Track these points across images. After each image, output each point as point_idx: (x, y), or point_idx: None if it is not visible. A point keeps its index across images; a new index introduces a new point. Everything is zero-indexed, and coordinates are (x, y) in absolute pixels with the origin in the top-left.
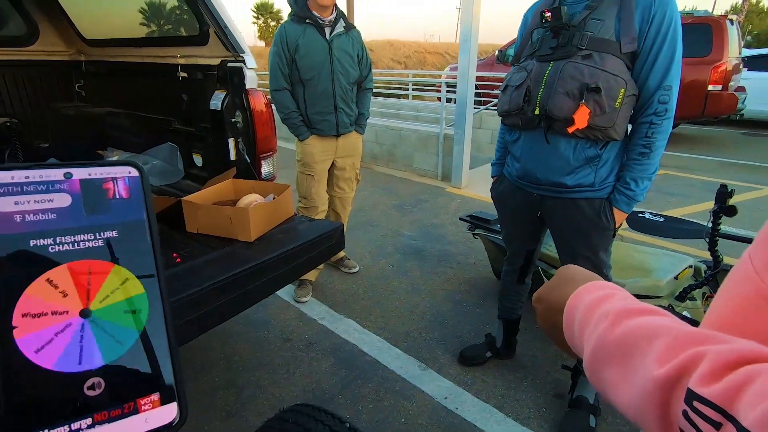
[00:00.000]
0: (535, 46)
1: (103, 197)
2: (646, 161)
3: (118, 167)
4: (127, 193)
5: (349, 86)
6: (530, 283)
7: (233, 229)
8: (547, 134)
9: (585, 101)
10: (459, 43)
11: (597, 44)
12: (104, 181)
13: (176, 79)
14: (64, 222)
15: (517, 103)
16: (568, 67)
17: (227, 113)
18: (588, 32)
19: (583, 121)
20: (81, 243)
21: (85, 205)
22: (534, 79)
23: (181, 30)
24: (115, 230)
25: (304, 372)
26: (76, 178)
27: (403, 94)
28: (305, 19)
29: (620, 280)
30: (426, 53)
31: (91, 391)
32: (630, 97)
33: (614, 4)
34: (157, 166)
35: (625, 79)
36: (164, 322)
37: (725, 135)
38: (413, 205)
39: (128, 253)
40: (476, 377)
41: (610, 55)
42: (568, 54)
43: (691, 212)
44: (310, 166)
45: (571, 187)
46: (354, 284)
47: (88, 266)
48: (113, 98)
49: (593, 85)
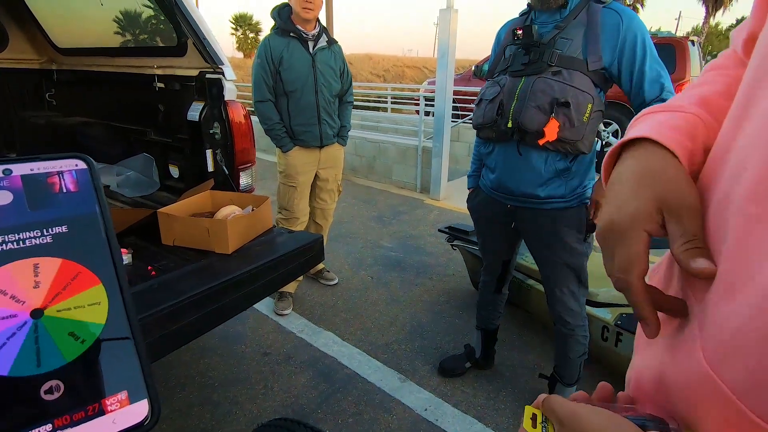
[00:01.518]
0: (507, 62)
1: (48, 192)
2: None
3: (63, 161)
4: (75, 187)
5: (332, 99)
6: (507, 293)
7: (210, 242)
8: (520, 147)
9: (555, 115)
10: (437, 58)
11: (566, 62)
12: (48, 176)
13: (152, 89)
14: (6, 220)
15: (491, 116)
16: (539, 83)
17: (205, 124)
18: (557, 50)
19: (553, 133)
20: (26, 241)
21: (28, 201)
22: (507, 94)
23: (158, 40)
24: (64, 225)
25: (283, 386)
26: (17, 174)
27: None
28: (289, 32)
29: (593, 289)
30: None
31: (49, 395)
32: (597, 112)
33: (581, 26)
34: (132, 177)
35: (592, 95)
36: (126, 316)
37: None
38: (392, 217)
39: (81, 246)
40: (456, 388)
41: (578, 72)
42: (539, 70)
43: None
44: (294, 177)
45: (543, 199)
46: (333, 296)
47: (34, 264)
48: (86, 108)
49: (563, 99)
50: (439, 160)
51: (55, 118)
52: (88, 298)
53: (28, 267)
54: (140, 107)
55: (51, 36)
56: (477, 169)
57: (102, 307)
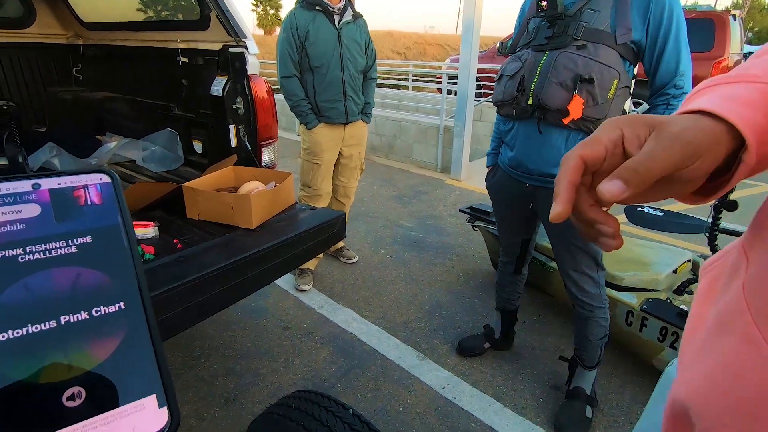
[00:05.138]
0: (531, 36)
1: (74, 205)
2: None
3: (88, 175)
4: (99, 200)
5: (357, 74)
6: (527, 274)
7: (234, 216)
8: (540, 125)
9: (578, 91)
10: (461, 35)
11: (592, 35)
12: (74, 189)
13: (176, 63)
14: (34, 231)
15: (511, 92)
16: (562, 58)
17: (228, 99)
18: (583, 22)
19: (578, 111)
20: (52, 251)
21: (55, 213)
22: (528, 69)
23: (181, 14)
24: (88, 236)
25: (303, 360)
26: (45, 188)
27: (403, 84)
28: (315, 5)
29: (619, 273)
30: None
31: (71, 401)
32: (623, 89)
33: None
34: (157, 152)
35: (619, 71)
36: (147, 325)
37: None
38: (412, 197)
39: (104, 256)
40: (474, 367)
41: (604, 46)
42: (563, 44)
43: (685, 208)
44: (318, 154)
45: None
46: (353, 274)
47: (61, 273)
48: (111, 83)
49: (586, 75)
50: (461, 139)
51: (82, 93)
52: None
53: (55, 275)
54: (164, 82)
55: (77, 11)
56: (496, 147)
57: (123, 317)
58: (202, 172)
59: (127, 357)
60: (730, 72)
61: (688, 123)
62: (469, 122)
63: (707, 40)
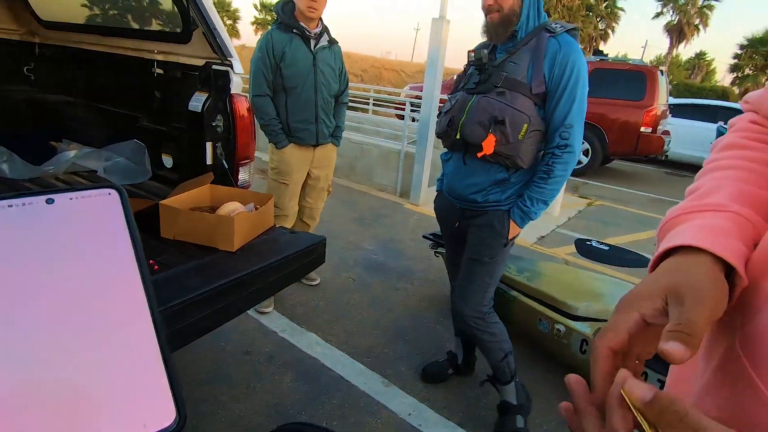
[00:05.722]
0: (465, 80)
1: (85, 219)
2: (543, 185)
3: (98, 190)
4: (107, 214)
5: (330, 98)
6: None
7: (214, 238)
8: (465, 157)
9: (492, 131)
10: (416, 62)
11: (510, 84)
12: (85, 203)
13: (150, 74)
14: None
15: (444, 127)
16: (483, 101)
17: (208, 116)
18: (505, 72)
19: (490, 147)
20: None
21: (66, 228)
22: (458, 109)
23: (160, 24)
24: (98, 249)
25: (266, 387)
26: (59, 203)
27: (362, 107)
28: (292, 28)
29: (574, 303)
30: (383, 69)
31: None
32: (535, 132)
33: (528, 52)
34: (120, 163)
35: (529, 116)
36: (154, 327)
37: (652, 173)
38: (373, 220)
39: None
40: (439, 394)
41: (520, 94)
42: (487, 90)
43: (624, 242)
44: (287, 174)
45: (481, 203)
46: (315, 297)
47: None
48: (71, 87)
49: (500, 117)
50: (421, 165)
51: (35, 95)
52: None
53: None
54: (133, 91)
55: (35, 7)
56: (443, 174)
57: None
58: (170, 187)
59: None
60: (694, 195)
61: (694, 279)
62: (430, 149)
63: (639, 91)
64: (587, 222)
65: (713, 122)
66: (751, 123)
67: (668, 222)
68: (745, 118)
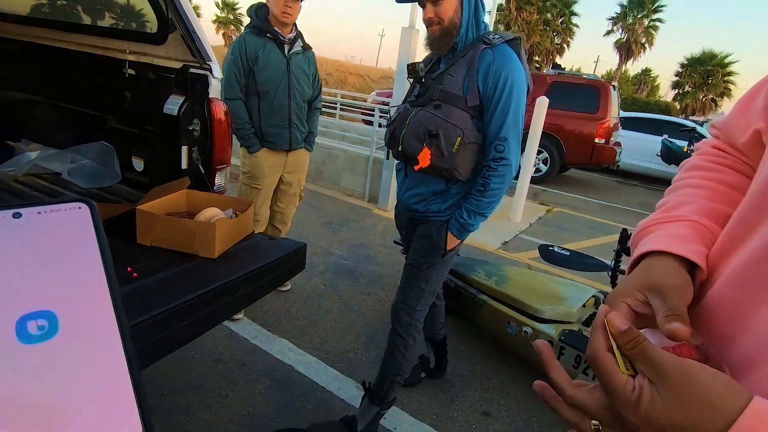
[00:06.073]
0: (408, 92)
1: (54, 234)
2: (480, 198)
3: (68, 203)
4: (77, 227)
5: (304, 103)
6: (443, 304)
7: (194, 244)
8: (407, 168)
9: (427, 144)
10: (393, 72)
11: (446, 97)
12: (53, 217)
13: (120, 75)
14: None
15: (387, 139)
16: (419, 115)
17: (184, 119)
18: (441, 86)
19: (425, 161)
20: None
21: (34, 243)
22: (399, 121)
23: (133, 24)
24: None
25: (238, 395)
26: (26, 218)
27: (329, 112)
28: (266, 33)
29: (540, 306)
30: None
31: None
32: (470, 144)
33: (465, 64)
34: (87, 166)
35: (464, 129)
36: (122, 343)
37: (604, 181)
38: (342, 224)
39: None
40: (412, 397)
41: (455, 107)
42: (425, 103)
43: (580, 247)
44: (258, 179)
45: (423, 213)
46: (286, 303)
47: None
48: (30, 84)
49: (434, 131)
50: (390, 171)
51: None
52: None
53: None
54: (101, 92)
55: None
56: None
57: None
58: (141, 191)
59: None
60: (663, 208)
61: (668, 275)
62: None
63: (594, 104)
64: (547, 228)
65: (659, 135)
66: (713, 147)
67: (641, 231)
68: (709, 143)
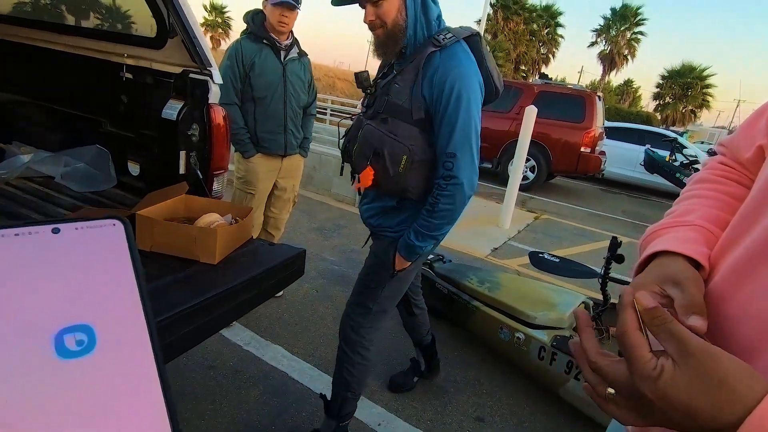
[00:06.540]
0: (362, 103)
1: (90, 249)
2: (429, 219)
3: (103, 220)
4: (112, 243)
5: (299, 109)
6: (425, 309)
7: (195, 250)
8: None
9: (371, 163)
10: None
11: (392, 109)
12: (90, 233)
13: (117, 78)
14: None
15: (342, 152)
16: (366, 130)
17: (183, 124)
18: (387, 97)
19: (367, 181)
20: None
21: (71, 258)
22: (351, 135)
23: (133, 28)
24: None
25: (232, 402)
26: (64, 233)
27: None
28: (263, 39)
29: (532, 312)
30: (336, 78)
31: None
32: (419, 163)
33: (413, 71)
34: (80, 169)
35: (410, 146)
36: (154, 355)
37: (589, 189)
38: (333, 230)
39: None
40: (406, 403)
41: (401, 121)
42: (373, 116)
43: (567, 254)
44: (253, 184)
45: (376, 227)
46: (279, 309)
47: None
48: (21, 86)
49: (378, 149)
50: None
51: None
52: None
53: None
54: (96, 95)
55: None
56: None
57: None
58: (136, 195)
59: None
60: (672, 215)
61: (682, 270)
62: None
63: (580, 114)
64: (535, 235)
65: (642, 145)
66: (719, 163)
67: (651, 234)
68: (716, 159)
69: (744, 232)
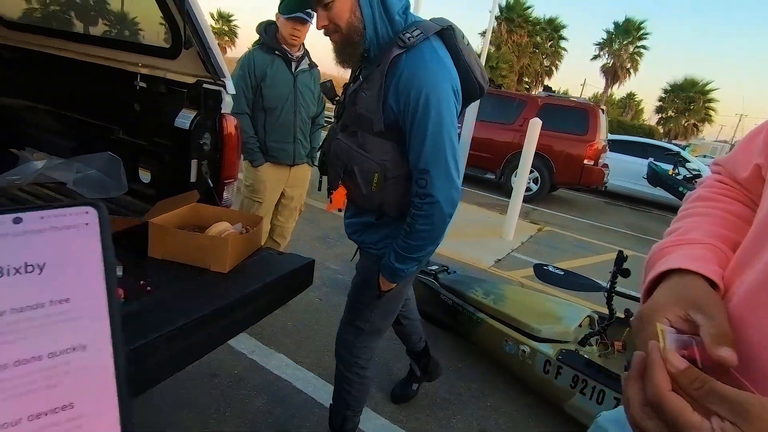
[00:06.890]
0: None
1: (55, 240)
2: (407, 240)
3: (73, 208)
4: (83, 233)
5: (308, 120)
6: (415, 318)
7: (206, 258)
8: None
9: (343, 181)
10: None
11: (359, 121)
12: (58, 222)
13: (130, 87)
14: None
15: (320, 164)
16: (334, 144)
17: (195, 134)
18: (355, 106)
19: (339, 202)
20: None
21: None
22: (326, 148)
23: (145, 37)
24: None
25: (236, 411)
26: (27, 223)
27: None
28: (275, 50)
29: (537, 325)
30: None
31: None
32: (394, 178)
33: (378, 77)
34: (92, 176)
35: (381, 162)
36: (113, 363)
37: (592, 202)
38: (336, 239)
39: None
40: (410, 415)
41: (369, 135)
42: (343, 128)
43: (570, 266)
44: (261, 192)
45: (359, 243)
46: (283, 317)
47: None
48: (38, 93)
49: (348, 167)
50: None
51: None
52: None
53: None
54: (109, 103)
55: None
56: None
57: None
58: (147, 203)
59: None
60: (675, 233)
61: (705, 294)
62: None
63: (583, 127)
64: (538, 247)
65: (645, 158)
66: (716, 181)
67: (657, 253)
68: (712, 177)
69: (756, 253)
